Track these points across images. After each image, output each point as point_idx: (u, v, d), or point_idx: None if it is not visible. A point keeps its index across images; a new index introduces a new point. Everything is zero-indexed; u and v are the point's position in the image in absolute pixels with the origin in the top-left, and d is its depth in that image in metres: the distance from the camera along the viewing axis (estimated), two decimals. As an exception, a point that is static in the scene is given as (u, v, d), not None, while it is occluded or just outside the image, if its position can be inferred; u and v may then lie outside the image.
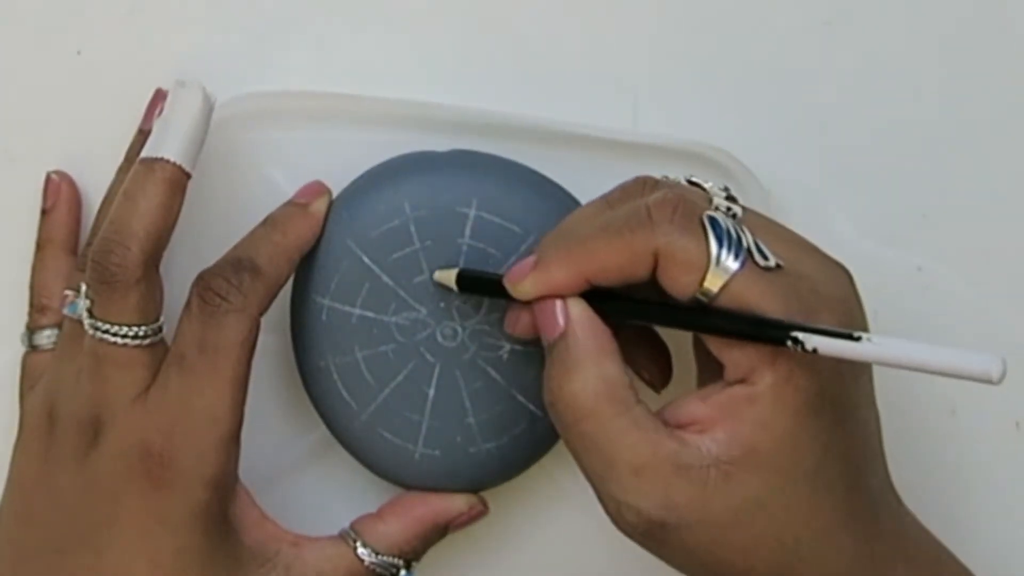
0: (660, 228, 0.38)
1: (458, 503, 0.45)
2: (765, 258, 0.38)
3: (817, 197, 0.48)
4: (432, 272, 0.44)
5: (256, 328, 0.42)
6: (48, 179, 0.47)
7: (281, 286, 0.43)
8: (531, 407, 0.45)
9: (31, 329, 0.46)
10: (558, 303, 0.40)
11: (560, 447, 0.43)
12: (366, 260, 0.44)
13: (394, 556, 0.44)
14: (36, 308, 0.46)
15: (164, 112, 0.44)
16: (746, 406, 0.38)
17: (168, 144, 0.43)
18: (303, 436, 0.48)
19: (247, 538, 0.43)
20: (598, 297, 0.40)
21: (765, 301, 0.37)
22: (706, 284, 0.37)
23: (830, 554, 0.39)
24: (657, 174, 0.42)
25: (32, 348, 0.46)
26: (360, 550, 0.44)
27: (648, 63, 0.49)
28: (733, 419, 0.38)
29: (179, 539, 0.41)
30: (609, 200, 0.41)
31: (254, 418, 0.43)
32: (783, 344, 0.36)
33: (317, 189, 0.45)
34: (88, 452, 0.42)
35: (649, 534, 0.38)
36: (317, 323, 0.45)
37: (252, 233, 0.44)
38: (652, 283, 0.39)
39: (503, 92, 0.47)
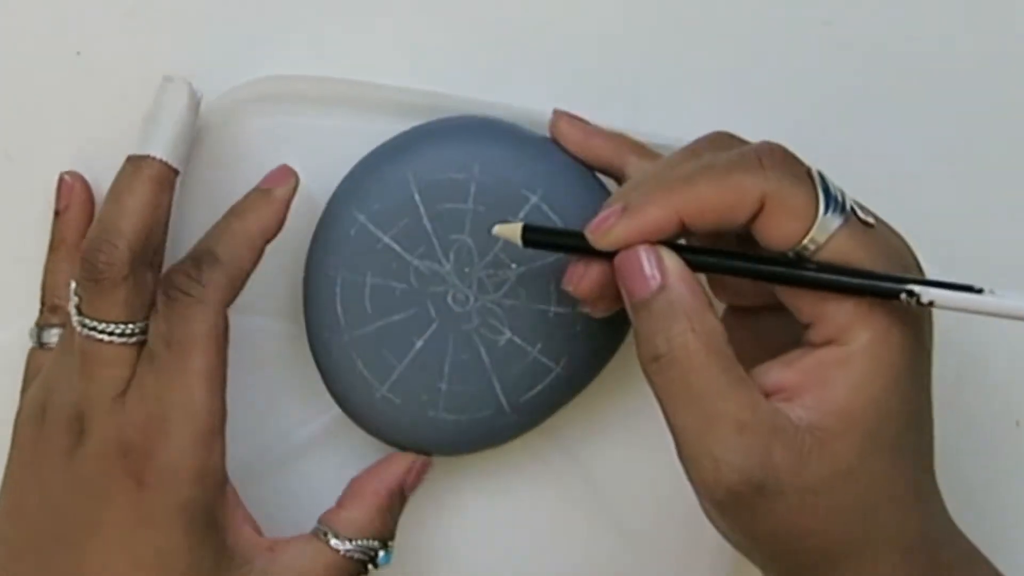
0: (772, 173, 0.38)
1: (400, 465, 0.45)
2: (866, 213, 0.38)
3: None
4: (488, 230, 0.43)
5: (222, 319, 0.42)
6: (61, 180, 0.47)
7: (246, 273, 0.43)
8: (502, 400, 0.45)
9: (40, 326, 0.46)
10: (650, 255, 0.39)
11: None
12: (416, 197, 0.44)
13: (366, 539, 0.44)
14: (47, 307, 0.47)
15: (151, 109, 0.44)
16: (838, 369, 0.37)
17: (155, 141, 0.43)
18: (314, 418, 0.48)
19: (230, 539, 0.42)
20: (687, 250, 0.39)
21: (867, 257, 0.37)
22: (812, 235, 0.37)
23: (899, 524, 0.39)
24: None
25: (40, 346, 0.46)
26: (333, 541, 0.44)
27: (648, 63, 0.49)
28: (823, 384, 0.37)
29: (161, 538, 0.41)
30: (695, 150, 0.40)
31: (265, 401, 0.43)
32: (896, 297, 0.36)
33: (284, 174, 0.45)
34: (74, 450, 0.42)
35: (742, 497, 0.38)
36: (345, 235, 0.44)
37: (214, 225, 0.44)
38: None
39: (504, 91, 0.47)
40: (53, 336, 0.46)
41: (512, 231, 0.41)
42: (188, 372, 0.41)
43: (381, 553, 0.44)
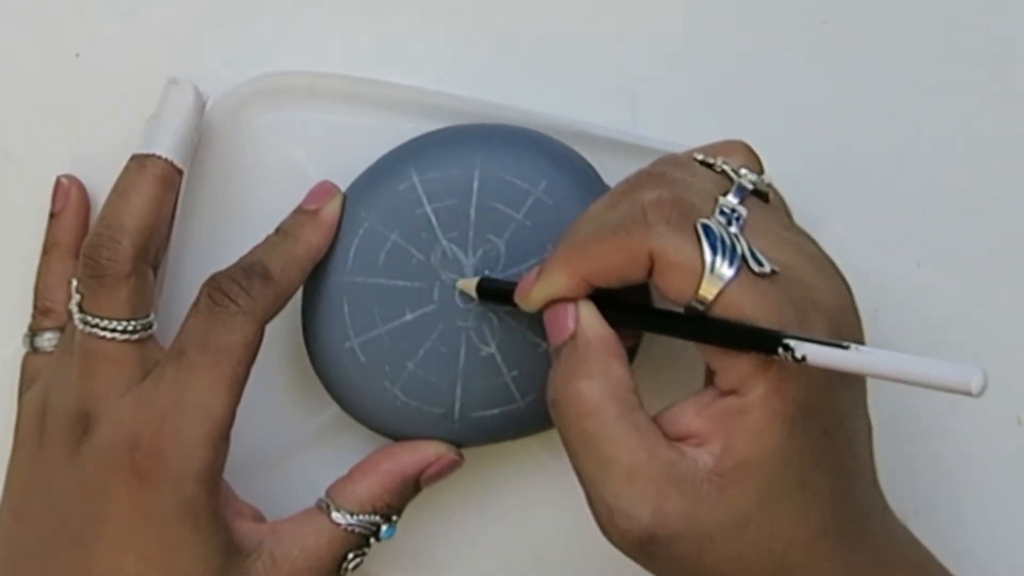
0: (655, 229, 0.38)
1: (425, 453, 0.45)
2: (760, 264, 0.38)
3: (816, 195, 0.48)
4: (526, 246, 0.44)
5: (260, 334, 0.42)
6: (58, 182, 0.47)
7: (291, 295, 0.43)
8: (455, 406, 0.45)
9: (33, 331, 0.46)
10: (568, 306, 0.40)
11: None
12: (475, 184, 0.44)
13: (368, 514, 0.44)
14: (40, 310, 0.47)
15: (156, 110, 0.44)
16: (738, 418, 0.38)
17: (160, 141, 0.43)
18: (314, 416, 0.48)
19: (235, 533, 0.42)
20: (602, 303, 0.40)
21: (759, 309, 0.37)
22: (701, 292, 0.37)
23: (816, 564, 0.39)
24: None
25: (33, 350, 0.46)
26: (334, 515, 0.43)
27: (646, 63, 0.49)
28: (726, 431, 0.38)
29: (167, 533, 0.41)
30: (613, 196, 0.41)
31: (266, 397, 0.43)
32: (774, 353, 0.36)
33: (327, 191, 0.45)
34: (77, 447, 0.42)
35: (638, 544, 0.38)
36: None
37: (266, 240, 0.44)
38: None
39: (506, 91, 0.47)
40: (46, 340, 0.46)
41: (470, 286, 0.44)
42: (217, 377, 0.41)
43: (384, 527, 0.44)
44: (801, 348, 0.36)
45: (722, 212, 0.39)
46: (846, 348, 0.35)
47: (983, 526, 0.48)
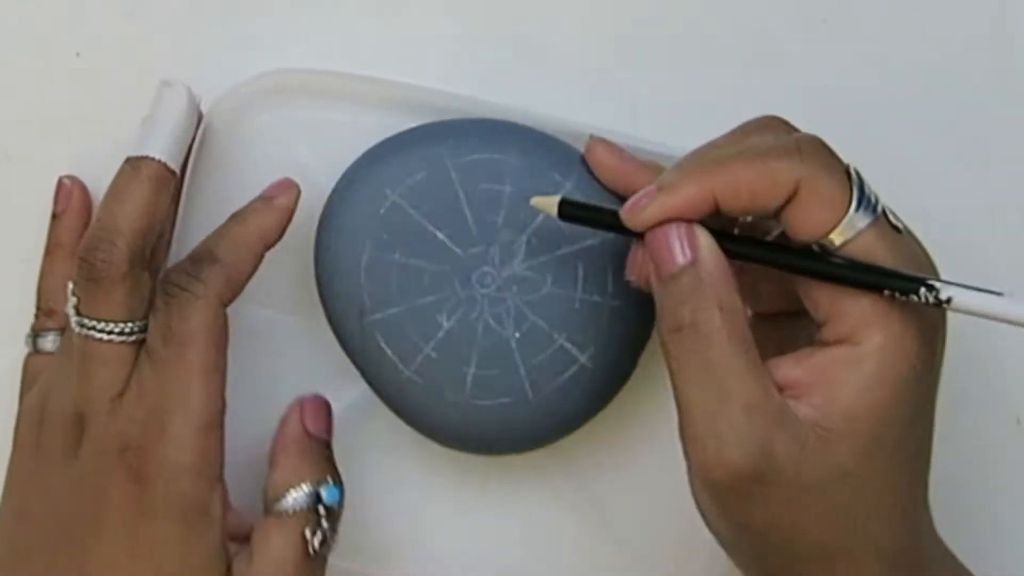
0: (809, 161, 0.38)
1: (291, 415, 0.45)
2: (896, 218, 0.38)
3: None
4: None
5: (220, 315, 0.42)
6: (60, 183, 0.47)
7: (245, 275, 0.43)
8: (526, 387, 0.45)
9: (36, 332, 0.47)
10: (686, 229, 0.39)
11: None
12: (453, 175, 0.44)
13: (294, 488, 0.43)
14: (43, 311, 0.47)
15: (150, 112, 0.44)
16: (847, 369, 0.37)
17: (153, 143, 0.43)
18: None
19: (221, 535, 0.42)
20: (717, 235, 0.39)
21: (891, 259, 0.37)
22: (840, 228, 0.37)
23: (887, 534, 0.38)
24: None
25: (36, 351, 0.46)
26: (276, 506, 0.43)
27: (646, 63, 0.49)
28: (831, 384, 0.37)
29: (159, 530, 0.41)
30: (744, 130, 0.41)
31: (285, 391, 0.44)
32: (914, 294, 0.36)
33: (285, 185, 0.45)
34: (73, 450, 0.42)
35: (739, 481, 0.37)
36: (375, 214, 0.44)
37: (216, 228, 0.44)
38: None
39: (506, 91, 0.47)
40: (48, 341, 0.46)
41: (549, 204, 0.42)
42: (185, 367, 0.41)
43: (323, 491, 0.43)
44: (946, 291, 0.36)
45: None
46: (999, 295, 0.36)
47: (983, 526, 0.48)
